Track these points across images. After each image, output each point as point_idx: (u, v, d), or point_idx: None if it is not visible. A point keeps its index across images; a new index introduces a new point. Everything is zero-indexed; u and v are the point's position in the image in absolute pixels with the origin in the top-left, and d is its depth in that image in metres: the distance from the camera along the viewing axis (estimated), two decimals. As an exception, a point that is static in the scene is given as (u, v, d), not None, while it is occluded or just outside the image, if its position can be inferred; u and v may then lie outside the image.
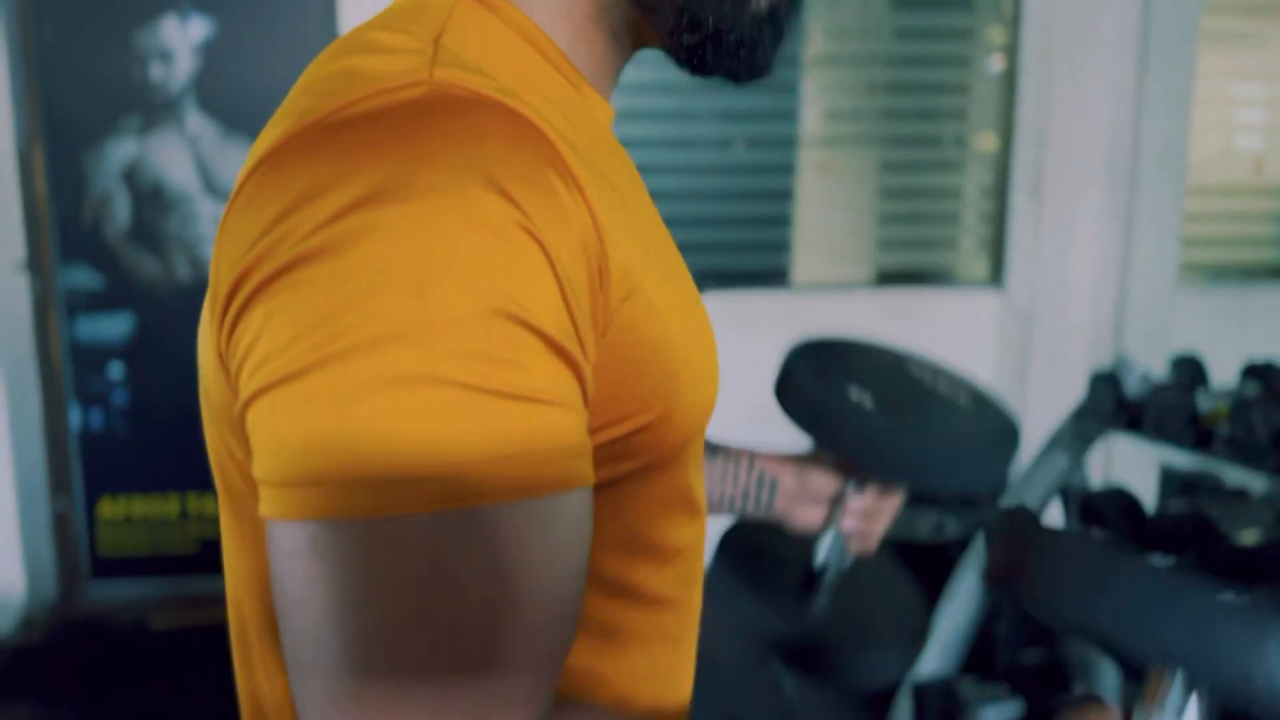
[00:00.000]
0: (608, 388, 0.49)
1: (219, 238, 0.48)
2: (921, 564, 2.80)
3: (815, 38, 3.09)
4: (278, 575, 0.44)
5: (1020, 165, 3.10)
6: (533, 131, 0.45)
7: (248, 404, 0.45)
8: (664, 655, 0.62)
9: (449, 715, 0.43)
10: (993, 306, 3.21)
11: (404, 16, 0.53)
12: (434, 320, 0.41)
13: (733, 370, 3.56)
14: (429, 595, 0.42)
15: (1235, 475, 3.24)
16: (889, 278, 3.26)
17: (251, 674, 0.61)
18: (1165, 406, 1.79)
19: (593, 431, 0.49)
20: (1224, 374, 1.98)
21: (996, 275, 3.23)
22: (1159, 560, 1.68)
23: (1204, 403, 1.74)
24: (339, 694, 0.42)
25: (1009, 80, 3.13)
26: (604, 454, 0.51)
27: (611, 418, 0.50)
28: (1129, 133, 2.96)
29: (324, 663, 0.43)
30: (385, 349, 0.40)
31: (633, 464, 0.53)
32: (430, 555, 0.41)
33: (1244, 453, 1.64)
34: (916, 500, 3.17)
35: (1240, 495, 3.27)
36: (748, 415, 3.07)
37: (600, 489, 0.52)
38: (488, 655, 0.43)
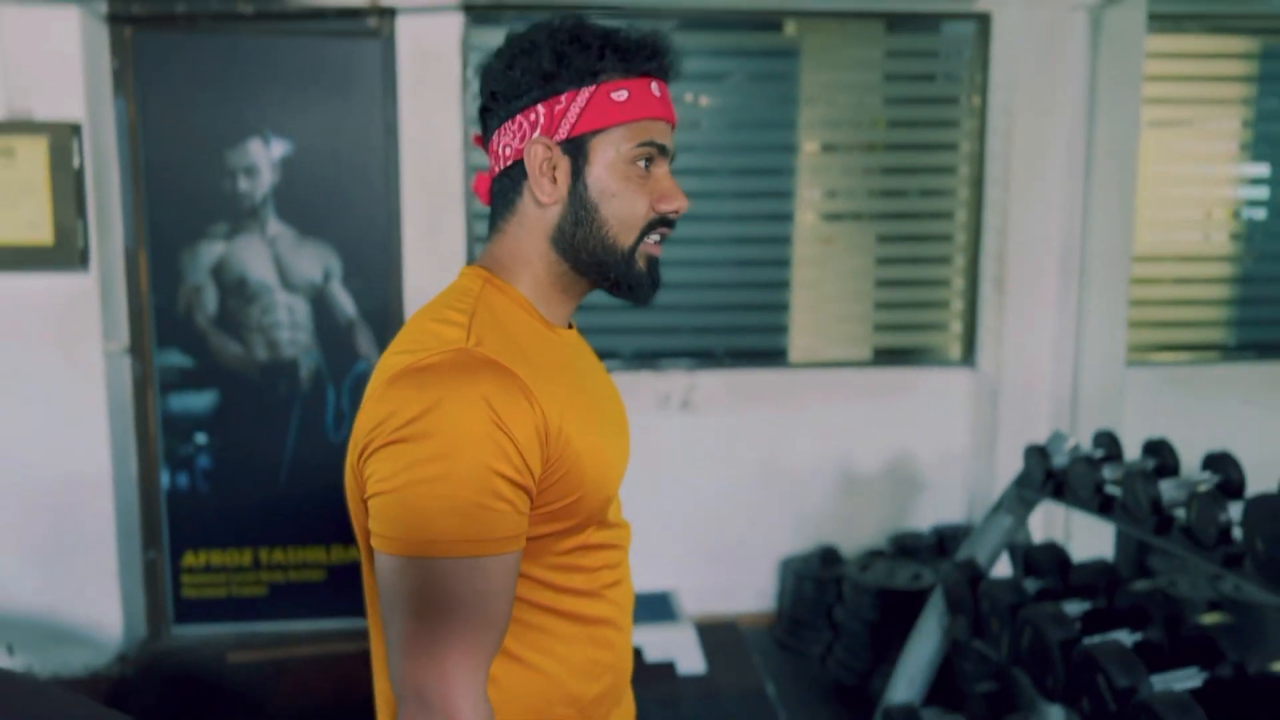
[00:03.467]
0: (549, 486, 1.00)
1: (359, 414, 1.00)
2: (901, 608, 3.17)
3: (809, 140, 3.52)
4: (380, 581, 0.96)
5: (986, 260, 3.50)
6: (510, 374, 0.96)
7: (370, 498, 0.97)
8: (603, 631, 1.13)
9: (458, 642, 0.94)
10: (967, 382, 3.60)
11: (457, 296, 1.07)
12: (456, 472, 0.92)
13: (734, 435, 3.93)
14: (445, 589, 0.93)
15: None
16: (878, 356, 3.66)
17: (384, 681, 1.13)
18: (1077, 476, 2.11)
19: (541, 506, 1.00)
20: (1182, 435, 2.30)
21: (969, 355, 3.62)
22: (1074, 606, 2.00)
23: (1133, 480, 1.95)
24: (407, 634, 0.93)
25: (976, 185, 3.54)
26: (547, 517, 1.02)
27: (551, 499, 1.01)
28: (1078, 231, 3.34)
29: (398, 620, 0.95)
30: (434, 484, 0.92)
31: (563, 524, 1.05)
32: (445, 575, 0.93)
33: (1132, 517, 1.94)
34: (900, 553, 3.53)
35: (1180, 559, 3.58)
36: (746, 474, 3.46)
37: (544, 538, 1.04)
38: (469, 615, 0.94)
